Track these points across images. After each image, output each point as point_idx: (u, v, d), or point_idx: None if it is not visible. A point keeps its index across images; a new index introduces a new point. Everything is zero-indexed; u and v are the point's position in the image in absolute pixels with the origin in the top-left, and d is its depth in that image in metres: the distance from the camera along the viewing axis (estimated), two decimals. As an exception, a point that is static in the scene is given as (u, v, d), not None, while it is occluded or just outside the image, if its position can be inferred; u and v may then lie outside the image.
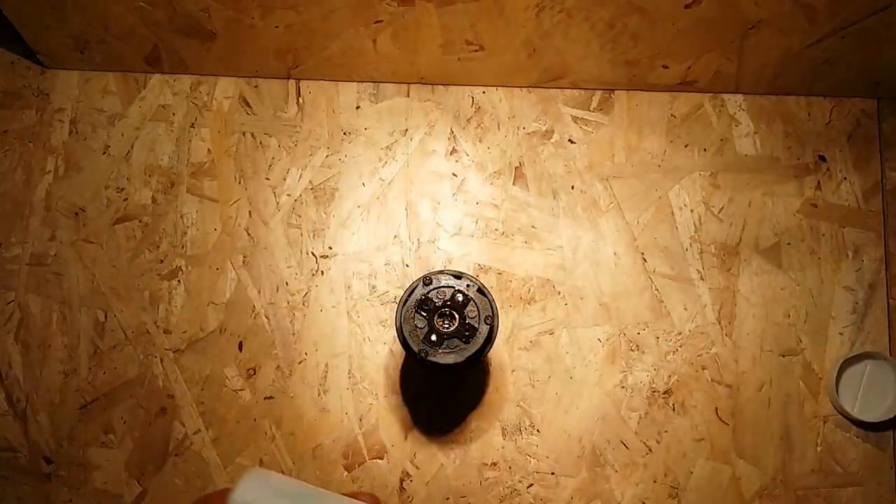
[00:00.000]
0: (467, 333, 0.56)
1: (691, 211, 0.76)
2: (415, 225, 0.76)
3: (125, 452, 0.72)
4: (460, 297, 0.57)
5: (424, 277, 0.58)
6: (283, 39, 0.74)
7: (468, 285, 0.57)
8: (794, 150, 0.77)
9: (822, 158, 0.77)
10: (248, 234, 0.76)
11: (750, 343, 0.73)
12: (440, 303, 0.57)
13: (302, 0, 0.69)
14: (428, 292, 0.57)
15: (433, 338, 0.56)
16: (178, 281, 0.75)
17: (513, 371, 0.73)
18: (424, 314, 0.57)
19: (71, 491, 0.71)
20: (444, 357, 0.56)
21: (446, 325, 0.57)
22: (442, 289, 0.57)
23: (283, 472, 0.71)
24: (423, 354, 0.56)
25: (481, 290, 0.57)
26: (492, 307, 0.57)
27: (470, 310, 0.57)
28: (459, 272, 0.58)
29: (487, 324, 0.57)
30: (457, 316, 0.57)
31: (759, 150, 0.77)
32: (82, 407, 0.72)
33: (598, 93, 0.79)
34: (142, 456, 0.72)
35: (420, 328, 0.57)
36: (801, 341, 0.73)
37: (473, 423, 0.72)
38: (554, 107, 0.79)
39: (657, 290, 0.74)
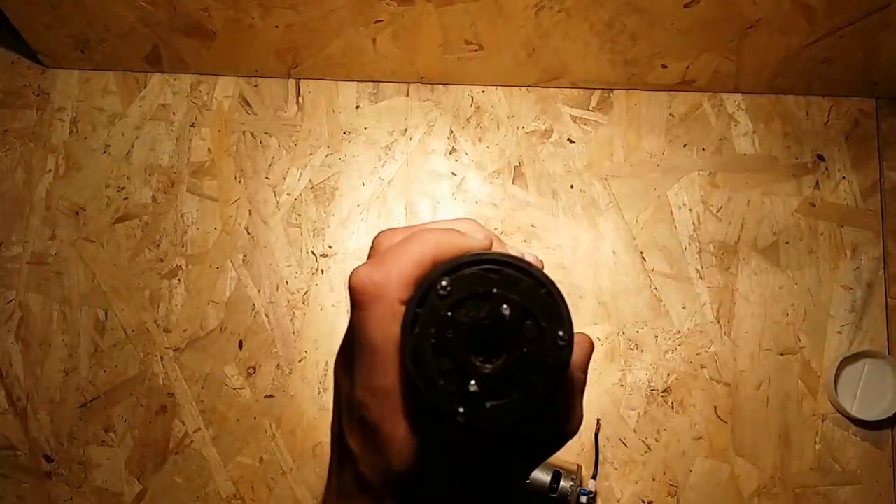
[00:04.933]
0: (526, 372, 0.28)
1: (690, 210, 0.76)
2: (415, 224, 0.76)
3: (125, 451, 0.72)
4: (508, 311, 0.28)
5: (444, 272, 0.28)
6: (283, 39, 0.74)
7: (511, 281, 0.28)
8: (793, 150, 0.77)
9: (821, 158, 0.77)
10: (249, 233, 0.76)
11: (748, 342, 0.73)
12: (474, 324, 0.28)
13: (302, 0, 0.69)
14: (451, 308, 0.28)
15: (471, 386, 0.28)
16: (179, 280, 0.75)
17: (512, 370, 0.73)
18: (450, 349, 0.28)
19: (71, 489, 0.71)
20: (499, 416, 0.28)
21: (489, 363, 0.28)
22: (474, 301, 0.28)
23: (283, 471, 0.71)
24: (460, 418, 0.28)
25: (547, 290, 0.28)
26: (565, 313, 0.28)
27: (529, 328, 0.28)
28: (500, 257, 0.29)
29: (561, 344, 0.28)
30: (505, 344, 0.28)
31: (758, 150, 0.78)
32: (83, 405, 0.73)
33: (598, 92, 0.79)
34: (142, 454, 0.72)
35: (444, 372, 0.28)
36: (799, 340, 0.73)
37: (473, 421, 0.72)
38: (553, 106, 0.79)
39: (656, 288, 0.74)
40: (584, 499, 0.65)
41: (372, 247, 0.33)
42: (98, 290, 0.75)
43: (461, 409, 0.27)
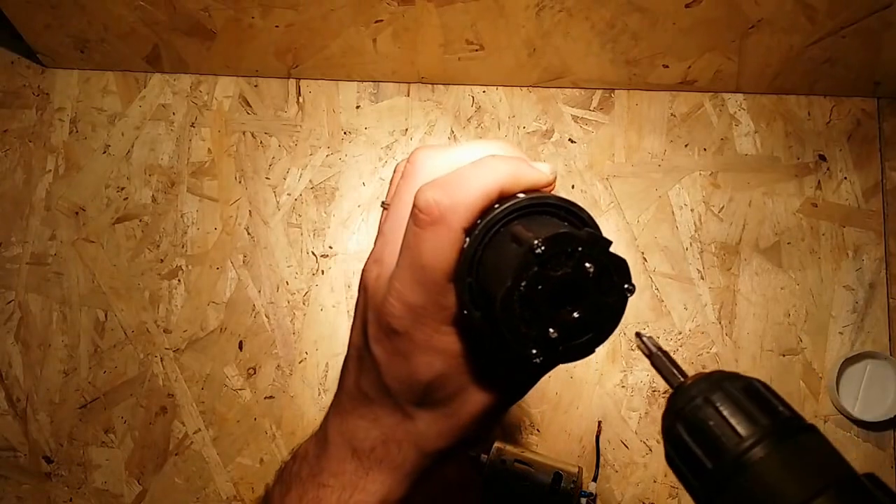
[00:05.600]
0: (599, 319, 0.31)
1: (691, 210, 0.76)
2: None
3: (125, 452, 0.72)
4: (592, 268, 0.30)
5: (511, 213, 0.31)
6: (284, 39, 0.74)
7: (593, 241, 0.30)
8: (795, 150, 0.77)
9: (823, 158, 0.77)
10: (249, 234, 0.76)
11: (750, 342, 0.73)
12: (559, 278, 0.30)
13: (302, 0, 0.69)
14: (546, 261, 0.29)
15: (551, 333, 0.30)
16: (179, 280, 0.75)
17: (513, 370, 0.73)
18: (536, 300, 0.30)
19: (71, 490, 0.71)
20: (569, 355, 0.32)
21: (570, 311, 0.31)
22: (560, 258, 0.30)
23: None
24: (536, 359, 0.30)
25: (604, 246, 0.30)
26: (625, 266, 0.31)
27: (604, 281, 0.31)
28: (566, 203, 0.32)
29: (628, 295, 0.31)
30: (582, 294, 0.31)
31: (760, 150, 0.77)
32: (82, 406, 0.72)
33: (599, 92, 0.79)
34: (142, 455, 0.72)
35: (526, 319, 0.30)
36: (801, 341, 0.73)
37: (474, 422, 0.72)
38: (554, 106, 0.79)
39: (657, 289, 0.74)
40: (584, 501, 0.65)
41: (409, 162, 0.33)
42: (98, 290, 0.74)
43: (535, 352, 0.30)
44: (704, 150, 0.77)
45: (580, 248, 0.30)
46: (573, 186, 0.76)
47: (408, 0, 0.68)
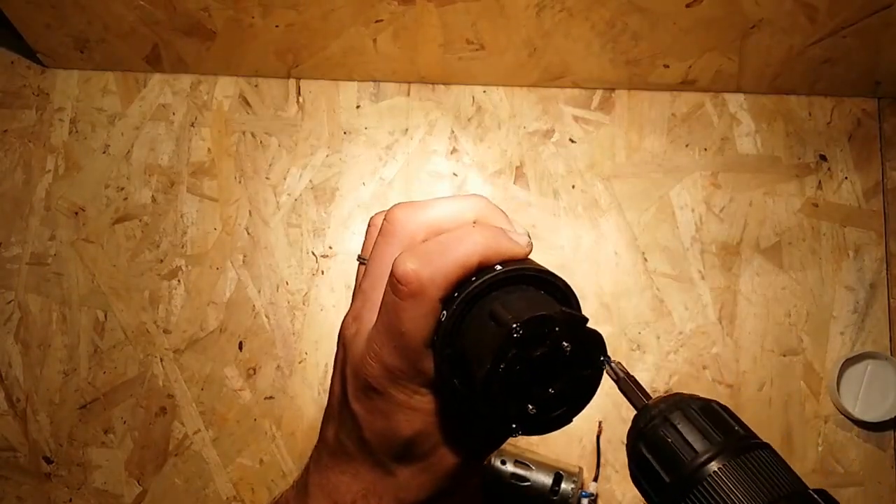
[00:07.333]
0: (575, 392, 0.33)
1: (692, 210, 0.76)
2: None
3: (125, 452, 0.71)
4: (569, 347, 0.31)
5: (495, 286, 0.32)
6: (284, 39, 0.73)
7: (570, 320, 0.31)
8: (795, 150, 0.77)
9: (823, 158, 0.77)
10: (249, 234, 0.76)
11: (751, 343, 0.73)
12: (538, 359, 0.30)
13: (302, 0, 0.69)
14: (524, 343, 0.29)
15: (530, 410, 0.31)
16: (178, 280, 0.75)
17: (513, 371, 0.72)
18: (515, 381, 0.30)
19: (71, 491, 0.71)
20: (548, 426, 0.32)
21: (547, 388, 0.31)
22: (538, 337, 0.30)
23: (283, 473, 0.71)
24: (514, 434, 0.31)
25: (581, 324, 0.31)
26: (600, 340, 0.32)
27: (580, 357, 0.32)
28: (542, 273, 0.33)
29: (602, 366, 0.33)
30: (558, 370, 0.31)
31: (760, 150, 0.77)
32: (82, 407, 0.72)
33: (599, 92, 0.79)
34: (142, 456, 0.71)
35: (506, 398, 0.31)
36: (802, 341, 0.73)
37: (474, 422, 0.72)
38: (555, 106, 0.78)
39: (658, 289, 0.74)
40: (585, 501, 0.65)
41: (386, 219, 0.34)
42: (98, 290, 0.74)
43: (515, 426, 0.31)
44: (705, 150, 0.77)
45: (557, 329, 0.30)
46: (573, 186, 0.76)
47: (408, 0, 0.68)
